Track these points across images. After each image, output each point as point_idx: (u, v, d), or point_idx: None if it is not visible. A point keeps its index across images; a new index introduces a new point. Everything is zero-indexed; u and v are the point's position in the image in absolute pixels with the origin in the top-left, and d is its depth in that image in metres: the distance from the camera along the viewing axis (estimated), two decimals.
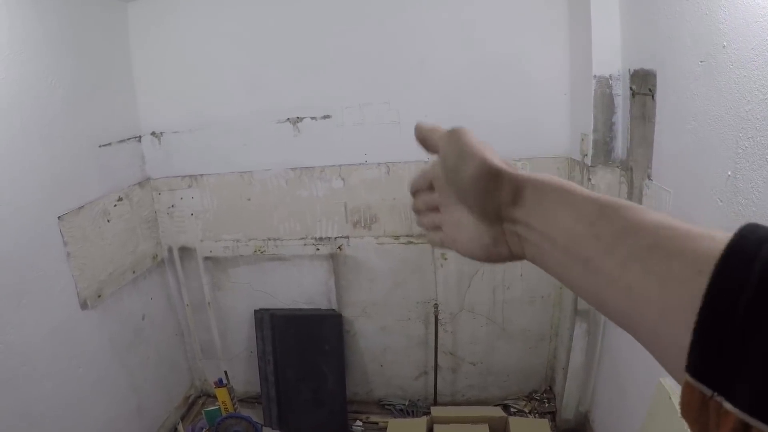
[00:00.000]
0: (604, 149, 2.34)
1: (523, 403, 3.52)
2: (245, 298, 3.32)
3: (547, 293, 3.12)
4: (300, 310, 3.33)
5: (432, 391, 3.40)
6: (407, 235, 3.03)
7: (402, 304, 3.19)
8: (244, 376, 3.61)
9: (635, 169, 2.16)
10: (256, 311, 3.37)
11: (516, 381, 3.51)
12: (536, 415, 3.41)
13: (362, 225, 3.02)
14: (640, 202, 2.10)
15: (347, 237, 3.07)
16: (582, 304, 2.74)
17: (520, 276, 3.14)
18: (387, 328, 3.27)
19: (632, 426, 2.09)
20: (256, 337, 3.38)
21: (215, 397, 3.44)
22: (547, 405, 3.47)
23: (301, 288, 3.24)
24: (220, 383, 2.98)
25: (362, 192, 2.95)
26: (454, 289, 3.12)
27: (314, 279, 3.20)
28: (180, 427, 2.99)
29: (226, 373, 3.19)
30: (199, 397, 3.78)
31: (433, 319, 3.17)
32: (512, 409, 3.46)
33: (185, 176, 3.04)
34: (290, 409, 3.40)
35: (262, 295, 3.30)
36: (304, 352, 3.31)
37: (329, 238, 3.08)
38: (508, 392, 3.55)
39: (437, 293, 3.13)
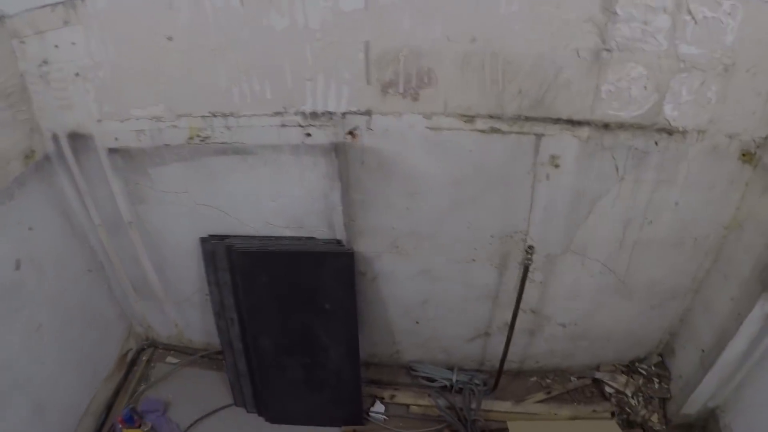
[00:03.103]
0: None
1: (623, 380, 2.54)
2: (185, 216, 2.22)
3: (704, 234, 2.14)
4: (279, 240, 2.11)
5: (489, 356, 2.54)
6: (492, 117, 1.80)
7: (464, 237, 2.19)
8: (202, 324, 2.66)
9: None
10: (203, 240, 2.11)
11: (615, 347, 2.61)
12: (640, 399, 2.48)
13: (401, 90, 1.81)
14: None
15: (368, 113, 1.87)
16: None
17: (675, 205, 2.00)
18: (433, 271, 2.33)
19: None
20: (208, 282, 2.15)
21: (166, 348, 2.75)
22: (657, 386, 2.51)
23: (278, 203, 2.13)
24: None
25: (404, 18, 1.67)
26: (560, 217, 2.09)
27: (303, 188, 2.10)
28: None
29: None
30: (143, 349, 2.73)
31: (514, 263, 2.17)
32: (607, 389, 2.52)
33: (57, 3, 1.89)
34: (271, 389, 2.32)
35: (212, 213, 2.18)
36: (289, 309, 2.11)
37: (331, 114, 1.89)
38: (601, 360, 2.65)
39: (530, 222, 2.09)
